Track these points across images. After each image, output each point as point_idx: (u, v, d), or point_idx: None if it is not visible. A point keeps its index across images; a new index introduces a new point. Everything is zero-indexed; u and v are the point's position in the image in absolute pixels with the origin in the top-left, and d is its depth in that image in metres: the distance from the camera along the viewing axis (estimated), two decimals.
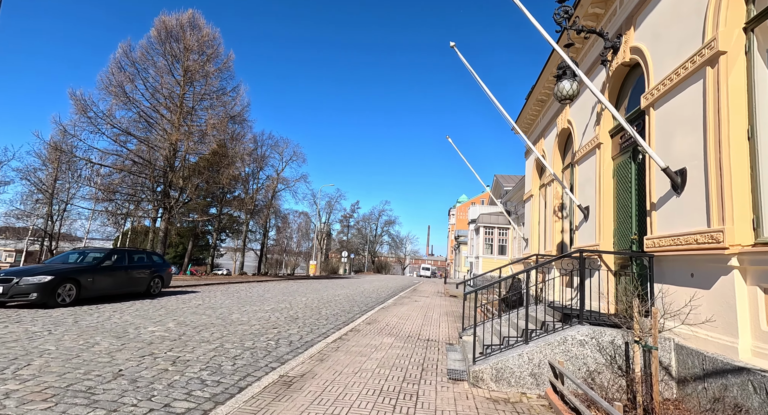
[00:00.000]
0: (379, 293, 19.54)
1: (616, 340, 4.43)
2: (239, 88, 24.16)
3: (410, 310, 12.44)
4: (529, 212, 12.57)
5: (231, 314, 9.19)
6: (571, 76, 6.07)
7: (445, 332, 8.69)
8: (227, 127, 23.87)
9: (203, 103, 22.68)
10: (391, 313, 11.38)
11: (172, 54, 21.38)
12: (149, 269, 10.88)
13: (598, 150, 6.90)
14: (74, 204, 27.14)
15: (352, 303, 13.64)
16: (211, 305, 10.28)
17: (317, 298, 14.54)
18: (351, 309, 11.96)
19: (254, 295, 13.99)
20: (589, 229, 7.13)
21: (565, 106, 8.92)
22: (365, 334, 7.79)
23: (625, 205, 6.11)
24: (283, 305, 11.72)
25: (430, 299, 16.95)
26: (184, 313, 8.81)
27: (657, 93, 4.87)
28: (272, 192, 42.44)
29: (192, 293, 12.82)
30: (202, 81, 22.38)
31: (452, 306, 14.47)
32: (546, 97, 10.49)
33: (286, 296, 14.28)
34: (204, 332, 6.89)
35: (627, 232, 6.05)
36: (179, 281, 17.92)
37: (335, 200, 70.57)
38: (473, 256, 31.13)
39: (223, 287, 16.82)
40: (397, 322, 9.65)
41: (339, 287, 21.43)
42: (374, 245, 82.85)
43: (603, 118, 6.80)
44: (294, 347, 6.45)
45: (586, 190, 7.40)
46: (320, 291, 17.79)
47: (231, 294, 13.75)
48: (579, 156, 7.80)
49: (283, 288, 18.38)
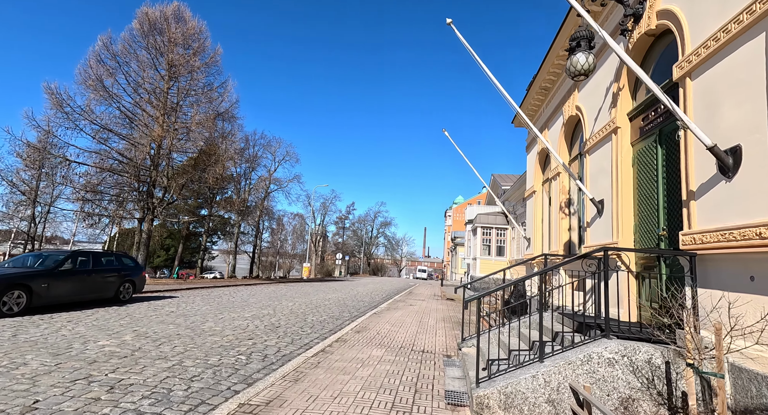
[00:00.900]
0: (372, 296, 18.65)
1: (653, 359, 3.59)
2: (227, 83, 23.26)
3: (404, 315, 11.57)
4: (531, 210, 11.76)
5: (204, 322, 8.27)
6: (586, 48, 5.25)
7: (442, 341, 7.84)
8: (215, 124, 22.94)
9: (189, 99, 21.73)
10: (384, 319, 10.51)
11: (155, 47, 20.42)
12: (118, 272, 9.93)
13: (614, 136, 6.10)
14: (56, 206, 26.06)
15: (342, 308, 12.75)
16: (185, 313, 9.36)
17: (305, 302, 13.63)
18: (340, 315, 11.07)
19: (237, 300, 13.06)
20: (604, 225, 6.32)
21: (573, 93, 8.13)
22: (353, 345, 6.91)
23: (649, 197, 5.30)
24: (266, 311, 10.81)
25: (426, 303, 16.09)
26: (149, 322, 7.89)
27: (696, 59, 4.05)
28: (264, 192, 41.49)
29: (168, 299, 11.87)
30: (188, 76, 21.43)
31: (449, 310, 13.62)
32: (550, 84, 9.70)
33: (271, 301, 13.36)
34: (165, 346, 5.98)
35: (651, 227, 5.23)
36: (160, 285, 16.94)
37: (330, 201, 69.69)
38: (470, 257, 30.32)
39: (206, 291, 15.86)
40: (390, 329, 8.78)
41: (331, 291, 20.52)
42: (370, 246, 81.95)
43: (620, 100, 6.00)
44: (267, 363, 5.56)
45: (600, 182, 6.59)
46: (310, 295, 16.88)
47: (212, 299, 12.81)
48: (590, 145, 7.00)
49: (271, 292, 17.44)
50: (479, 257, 26.79)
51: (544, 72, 9.42)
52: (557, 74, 9.23)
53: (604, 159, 6.44)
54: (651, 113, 5.29)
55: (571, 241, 8.61)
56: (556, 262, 7.99)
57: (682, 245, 4.12)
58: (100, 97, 18.38)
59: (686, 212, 4.16)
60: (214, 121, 22.79)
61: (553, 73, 9.27)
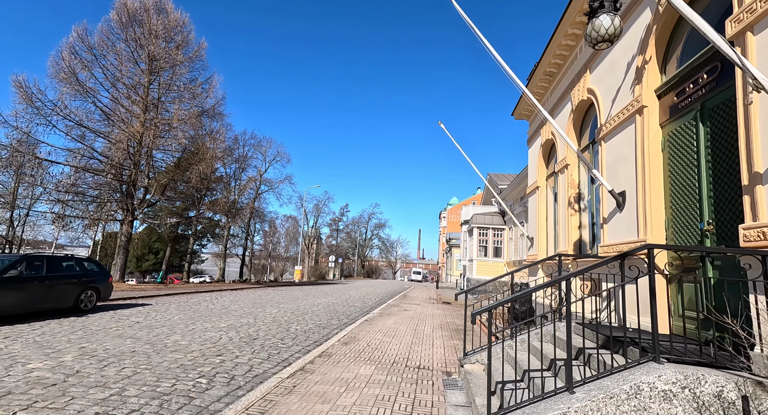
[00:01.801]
0: (365, 300, 17.71)
1: (725, 392, 2.72)
2: (212, 79, 22.24)
3: (398, 322, 10.67)
4: (534, 207, 10.93)
5: (170, 335, 7.29)
6: (611, 8, 4.41)
7: (441, 353, 6.94)
8: (200, 121, 21.91)
9: (171, 95, 20.68)
10: (376, 327, 9.59)
11: (135, 40, 19.36)
12: (79, 279, 8.91)
13: (638, 117, 5.27)
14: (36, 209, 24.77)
15: (331, 315, 11.80)
16: (151, 323, 8.36)
17: (292, 309, 12.66)
18: (328, 323, 10.13)
19: (217, 307, 12.06)
20: (627, 220, 5.48)
21: (583, 75, 7.31)
22: (338, 360, 5.99)
23: (687, 186, 4.46)
24: (245, 319, 9.83)
25: (422, 308, 15.20)
26: (105, 336, 6.89)
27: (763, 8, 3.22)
28: (255, 193, 40.41)
29: (139, 307, 10.83)
30: (170, 70, 20.38)
31: (447, 316, 12.73)
32: (555, 68, 8.88)
33: (254, 308, 12.38)
34: (110, 368, 5.01)
35: (690, 221, 4.40)
36: (137, 291, 15.84)
37: (323, 203, 68.58)
38: (467, 259, 29.51)
39: (186, 297, 14.81)
40: (382, 340, 7.87)
41: (321, 295, 19.54)
42: (364, 249, 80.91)
43: (646, 75, 5.17)
44: (232, 387, 4.62)
45: (620, 172, 5.76)
46: (298, 300, 15.90)
47: (189, 307, 11.80)
48: (607, 130, 6.17)
49: (257, 297, 16.43)
50: (476, 258, 25.99)
51: (549, 55, 8.60)
52: (564, 57, 8.42)
53: (626, 145, 5.61)
54: (688, 86, 4.45)
55: (582, 240, 7.78)
56: (571, 263, 7.15)
57: (744, 242, 3.27)
58: (75, 92, 17.28)
59: (748, 201, 3.32)
60: (199, 119, 21.76)
61: (559, 55, 8.46)
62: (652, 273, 3.14)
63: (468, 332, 9.00)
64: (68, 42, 17.39)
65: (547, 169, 10.37)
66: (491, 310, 3.49)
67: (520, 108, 11.77)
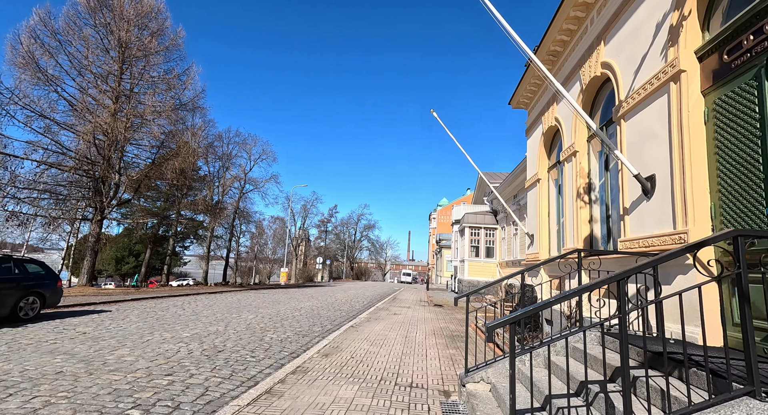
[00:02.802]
0: (352, 304, 16.69)
1: None
2: (191, 70, 20.97)
3: (387, 328, 9.69)
4: (534, 202, 10.09)
5: (117, 348, 6.18)
6: None
7: (436, 366, 5.98)
8: (177, 115, 20.64)
9: (145, 86, 19.38)
10: (362, 334, 8.60)
11: (105, 25, 18.04)
12: (18, 283, 7.70)
13: (673, 85, 4.41)
14: None
15: (313, 320, 10.77)
16: (100, 334, 7.21)
17: (271, 314, 11.58)
18: (309, 330, 9.10)
19: (187, 313, 10.90)
20: (657, 210, 4.62)
21: (596, 49, 6.48)
22: (314, 378, 4.99)
23: (745, 163, 3.60)
24: (215, 327, 8.74)
25: (412, 311, 14.25)
26: (33, 353, 5.75)
27: None
28: (239, 193, 39.03)
29: (95, 314, 9.62)
30: (144, 60, 19.10)
31: (440, 320, 11.81)
32: (561, 46, 8.03)
33: (229, 313, 11.26)
34: (14, 398, 3.91)
35: (749, 207, 3.54)
36: (102, 296, 14.52)
37: (311, 204, 67.38)
38: (458, 259, 28.70)
39: (155, 302, 13.57)
40: (368, 350, 6.88)
41: (306, 298, 18.44)
42: (353, 250, 79.74)
43: (684, 34, 4.31)
44: None
45: (647, 153, 4.90)
46: (280, 304, 14.79)
47: (154, 313, 10.63)
48: (629, 107, 5.32)
49: (235, 301, 15.27)
50: (467, 258, 25.19)
51: (554, 31, 7.75)
52: (571, 32, 7.58)
53: (655, 120, 4.76)
54: (746, 39, 3.59)
55: (593, 235, 6.92)
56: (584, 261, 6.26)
57: None
58: (36, 79, 15.87)
59: None
60: (177, 112, 20.48)
61: (565, 31, 7.62)
62: (743, 269, 2.23)
63: (468, 340, 8.08)
64: (28, 25, 16.01)
65: (549, 159, 9.54)
66: (516, 323, 2.53)
67: (518, 95, 10.94)
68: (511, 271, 20.58)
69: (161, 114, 18.97)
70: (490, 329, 2.52)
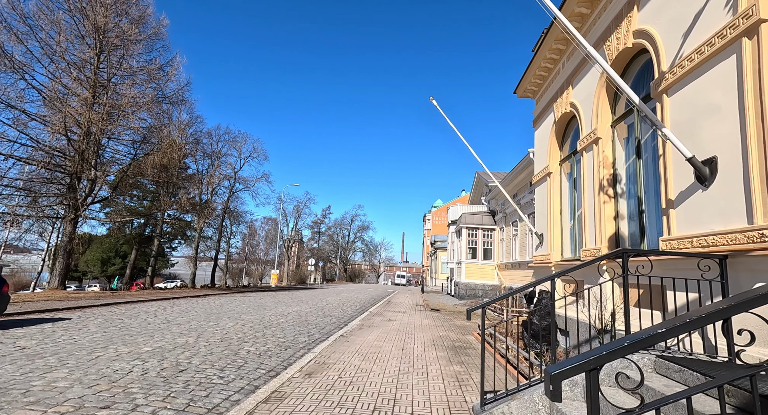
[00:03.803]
0: (344, 308, 15.65)
1: None
2: (174, 61, 19.85)
3: (382, 337, 8.70)
4: (543, 199, 9.17)
5: (55, 368, 5.11)
6: None
7: (440, 390, 4.99)
8: (160, 107, 19.50)
9: (124, 76, 18.21)
10: (353, 345, 7.60)
11: (80, 10, 16.87)
12: None
13: (747, 42, 3.50)
14: None
15: (299, 328, 9.74)
16: (41, 350, 6.12)
17: (253, 321, 10.52)
18: (294, 341, 8.07)
19: (157, 321, 9.80)
20: (721, 200, 3.70)
21: (627, 17, 5.57)
22: (292, 409, 3.98)
23: None
24: (184, 338, 7.68)
25: (408, 316, 13.26)
26: None
27: None
28: (229, 192, 37.80)
29: (49, 323, 8.49)
30: (123, 48, 17.95)
31: (438, 327, 10.82)
32: (578, 20, 7.11)
33: (205, 321, 10.18)
34: None
35: None
36: (68, 300, 13.34)
37: (304, 204, 66.14)
38: (454, 261, 27.79)
39: (126, 307, 12.42)
40: (359, 367, 5.88)
41: (295, 302, 17.37)
42: (347, 251, 78.53)
43: None
44: None
45: (703, 131, 3.99)
46: (266, 309, 13.72)
47: (120, 321, 9.52)
48: (675, 78, 4.40)
49: (217, 306, 14.17)
50: (464, 260, 24.27)
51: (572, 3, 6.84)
52: (591, 2, 6.67)
53: (715, 90, 3.84)
54: None
55: (620, 234, 6.00)
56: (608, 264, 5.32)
57: None
58: (2, 66, 14.66)
59: None
60: (159, 105, 19.35)
61: (585, 1, 6.71)
62: None
63: (471, 351, 7.05)
64: None
65: (561, 151, 8.64)
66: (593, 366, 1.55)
67: (525, 83, 10.03)
68: (511, 273, 19.61)
69: (141, 106, 17.82)
70: (561, 377, 1.53)
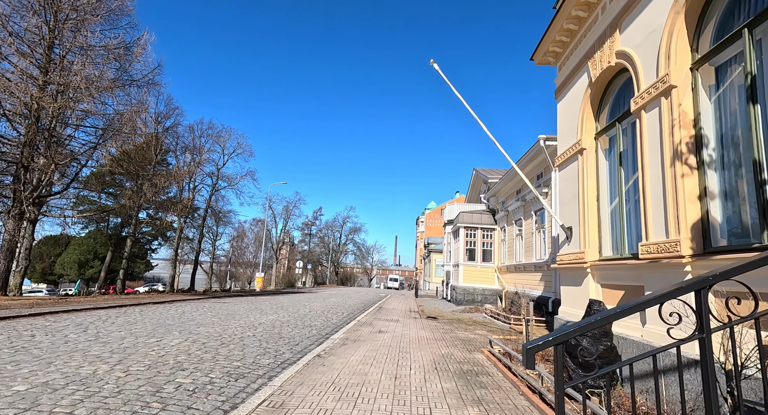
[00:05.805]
0: (328, 316, 13.68)
1: None
2: (142, 40, 17.79)
3: (369, 358, 6.78)
4: (572, 183, 7.36)
5: None
6: None
7: None
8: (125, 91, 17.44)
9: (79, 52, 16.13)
10: (330, 372, 5.67)
11: None
12: None
13: None
14: None
15: (267, 346, 7.78)
16: None
17: (210, 336, 8.54)
18: (251, 366, 6.11)
19: (81, 338, 7.75)
20: None
21: None
22: None
23: None
24: (94, 367, 5.67)
25: (402, 326, 11.35)
26: None
27: None
28: (211, 189, 35.61)
29: None
30: (81, 21, 15.89)
31: (438, 341, 8.87)
32: None
33: (146, 337, 8.17)
34: None
35: None
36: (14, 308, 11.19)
37: (294, 205, 63.94)
38: (451, 264, 25.95)
39: (57, 318, 10.27)
40: (333, 410, 3.94)
41: (274, 309, 15.34)
42: (338, 254, 76.27)
43: None
44: None
45: None
46: (234, 318, 11.70)
47: (29, 339, 7.47)
48: None
49: (176, 315, 12.11)
50: (462, 263, 22.44)
51: None
52: None
53: None
54: None
55: (711, 220, 4.17)
56: None
57: None
58: None
59: None
60: (124, 88, 17.28)
61: None
62: None
63: (486, 380, 4.85)
64: None
65: (597, 122, 6.85)
66: None
67: (544, 46, 8.25)
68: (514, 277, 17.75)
69: (101, 88, 15.73)
70: None
